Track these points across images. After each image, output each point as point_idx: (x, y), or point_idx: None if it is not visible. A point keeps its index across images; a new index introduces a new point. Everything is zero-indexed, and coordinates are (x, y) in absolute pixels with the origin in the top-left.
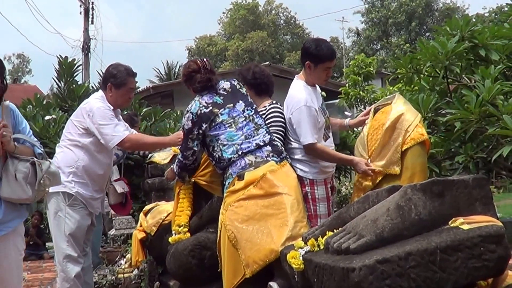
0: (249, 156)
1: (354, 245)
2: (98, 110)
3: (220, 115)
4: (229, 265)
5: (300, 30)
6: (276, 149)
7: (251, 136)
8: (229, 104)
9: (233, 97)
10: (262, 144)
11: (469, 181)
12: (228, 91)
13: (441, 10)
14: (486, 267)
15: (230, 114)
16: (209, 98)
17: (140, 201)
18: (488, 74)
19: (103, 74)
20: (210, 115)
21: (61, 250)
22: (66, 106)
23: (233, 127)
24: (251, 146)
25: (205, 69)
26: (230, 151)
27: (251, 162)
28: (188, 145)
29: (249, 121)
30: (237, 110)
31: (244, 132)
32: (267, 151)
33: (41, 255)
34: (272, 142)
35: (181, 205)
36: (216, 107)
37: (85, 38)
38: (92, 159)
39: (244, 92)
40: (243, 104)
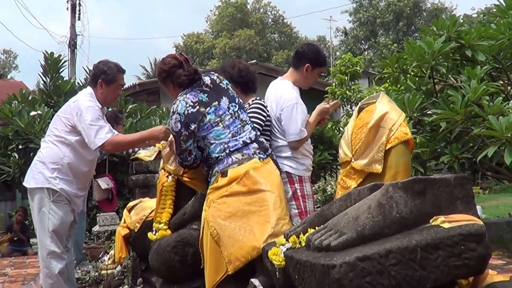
0: (236, 154)
1: (335, 242)
2: (87, 110)
3: (207, 114)
4: (212, 262)
5: (287, 29)
6: (262, 145)
7: (238, 134)
8: (214, 102)
9: (216, 94)
10: (249, 141)
11: (451, 179)
12: (210, 87)
13: (429, 10)
14: (467, 266)
15: (216, 112)
16: (194, 96)
17: (124, 198)
18: (474, 75)
19: (92, 70)
20: (198, 115)
21: (44, 246)
22: (52, 102)
23: (220, 125)
24: (238, 144)
25: (187, 63)
26: (218, 150)
27: (238, 159)
28: (182, 147)
29: (235, 118)
30: (223, 107)
31: (231, 130)
32: (253, 148)
33: (25, 251)
34: (257, 138)
35: (163, 202)
36: (202, 105)
37: (72, 34)
38: (78, 156)
39: (224, 86)
40: (227, 101)
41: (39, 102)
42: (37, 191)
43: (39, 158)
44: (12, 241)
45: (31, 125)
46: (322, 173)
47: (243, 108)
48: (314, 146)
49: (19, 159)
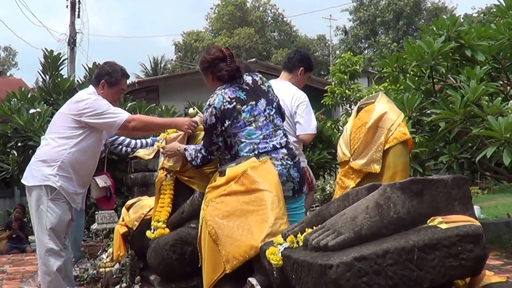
0: (264, 156)
1: (333, 242)
2: (95, 101)
3: (242, 112)
4: (209, 261)
5: (287, 28)
6: (291, 152)
7: (269, 137)
8: (251, 101)
9: (255, 94)
10: (279, 146)
11: (448, 180)
12: (250, 86)
13: (429, 10)
14: (463, 267)
15: (252, 112)
16: (232, 92)
17: (122, 196)
18: (474, 75)
19: (97, 69)
20: (233, 112)
21: (43, 243)
22: (51, 99)
23: (253, 125)
24: (268, 146)
25: (231, 59)
26: (247, 149)
27: None
28: (213, 140)
29: (269, 122)
30: (259, 108)
31: (263, 132)
32: (282, 154)
33: (24, 248)
34: (288, 145)
35: (162, 201)
36: (239, 103)
37: (71, 31)
38: (79, 154)
39: (265, 88)
40: (264, 103)
41: (38, 99)
42: (35, 189)
43: (38, 155)
44: (10, 238)
45: (30, 122)
46: (321, 172)
47: (279, 113)
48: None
49: (18, 157)
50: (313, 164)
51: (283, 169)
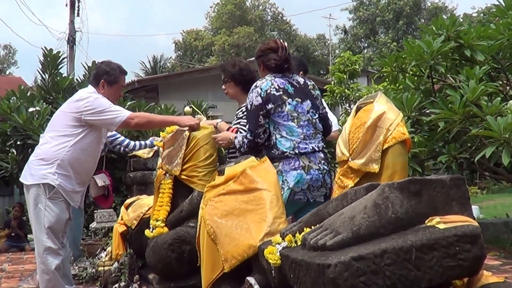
0: (304, 158)
1: (331, 242)
2: (96, 100)
3: (288, 104)
4: (208, 260)
5: (287, 27)
6: (326, 157)
7: (309, 138)
8: (298, 98)
9: (303, 94)
10: (317, 149)
11: (447, 180)
12: (301, 85)
13: (429, 9)
14: (461, 267)
15: (297, 108)
16: (281, 83)
17: (121, 195)
18: (473, 75)
19: (94, 70)
20: (279, 99)
21: (41, 242)
22: (50, 98)
23: (295, 122)
24: (308, 148)
25: (283, 50)
26: (287, 145)
27: (305, 165)
28: (260, 122)
29: (310, 124)
30: (303, 107)
31: (304, 131)
32: (319, 158)
33: (23, 246)
34: (323, 149)
35: (160, 200)
36: (286, 94)
37: (71, 30)
38: (78, 152)
39: (314, 93)
40: (309, 105)
41: (38, 98)
42: (34, 187)
43: (37, 154)
44: (9, 237)
45: (30, 121)
46: None
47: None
48: None
49: (17, 155)
50: None
51: (319, 174)
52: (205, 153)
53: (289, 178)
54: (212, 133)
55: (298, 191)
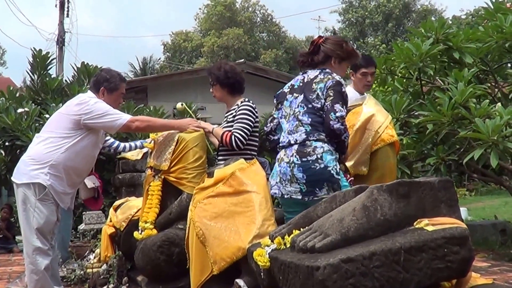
0: (282, 151)
1: (320, 244)
2: (97, 103)
3: (285, 100)
4: (197, 262)
5: (276, 28)
6: (302, 150)
7: (292, 132)
8: (296, 93)
9: (303, 88)
10: (293, 142)
11: (435, 183)
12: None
13: (418, 12)
14: (450, 268)
15: (291, 104)
16: (296, 79)
17: (110, 197)
18: (462, 77)
19: (94, 77)
20: (283, 96)
21: (30, 242)
22: (39, 99)
23: (286, 119)
24: (285, 141)
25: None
26: (281, 141)
27: (280, 157)
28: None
29: (295, 118)
30: (296, 102)
31: (288, 126)
32: (294, 150)
33: (11, 248)
34: (304, 142)
35: (149, 202)
36: (290, 90)
37: (60, 31)
38: (73, 155)
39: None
40: (301, 99)
41: (27, 99)
42: (24, 187)
43: (30, 154)
44: None
45: (18, 122)
46: None
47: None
48: None
49: (5, 156)
50: None
51: (287, 167)
52: (194, 155)
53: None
54: (201, 135)
55: (274, 185)
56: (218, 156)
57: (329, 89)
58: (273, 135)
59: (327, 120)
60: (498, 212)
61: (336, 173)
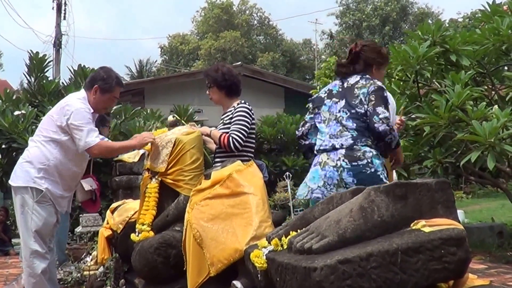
0: (324, 155)
1: (317, 245)
2: (77, 112)
3: (324, 105)
4: (194, 264)
5: (273, 31)
6: (351, 154)
7: (335, 137)
8: (336, 98)
9: (344, 94)
10: (339, 147)
11: (432, 184)
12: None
13: (415, 14)
14: (447, 270)
15: (330, 108)
16: (333, 85)
17: (107, 199)
18: (459, 80)
19: (92, 73)
20: (320, 101)
21: (28, 245)
22: (36, 101)
23: (325, 123)
24: (328, 145)
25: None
26: (317, 144)
27: (322, 161)
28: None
29: (338, 122)
30: (336, 107)
31: (330, 131)
32: (340, 155)
33: (7, 251)
34: (352, 147)
35: (146, 204)
36: (328, 95)
37: (57, 33)
38: (65, 157)
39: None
40: (342, 104)
41: (23, 101)
42: (22, 190)
43: (26, 157)
44: None
45: (15, 124)
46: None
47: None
48: (298, 149)
49: (2, 159)
50: (297, 168)
51: (334, 171)
52: (192, 157)
53: (308, 175)
54: (198, 137)
55: (315, 188)
56: (215, 158)
57: (371, 94)
58: (304, 140)
59: (372, 124)
60: (495, 215)
61: (385, 177)
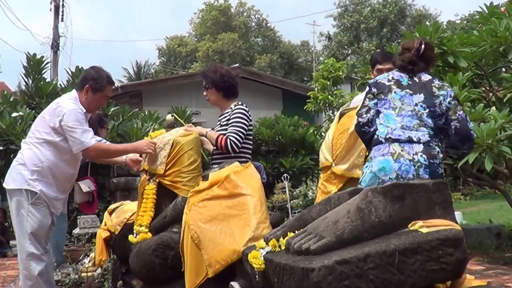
0: (396, 145)
1: (314, 246)
2: (70, 112)
3: (394, 92)
4: (192, 265)
5: (271, 33)
6: (428, 151)
7: (409, 128)
8: (409, 89)
9: (418, 88)
10: (416, 140)
11: (429, 185)
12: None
13: (413, 16)
14: (444, 270)
15: (402, 98)
16: (398, 75)
17: (105, 201)
18: (456, 81)
19: (83, 73)
20: (385, 87)
21: (24, 248)
22: (34, 103)
23: (395, 111)
24: (402, 136)
25: (414, 52)
26: (381, 131)
27: (394, 152)
28: (364, 103)
29: (415, 115)
30: (412, 99)
31: (403, 120)
32: (417, 149)
33: (5, 253)
34: (429, 144)
35: (144, 205)
36: (396, 84)
37: (55, 35)
38: (59, 159)
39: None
40: (422, 98)
41: (21, 103)
42: (16, 193)
43: (19, 159)
44: None
45: (13, 126)
46: (303, 178)
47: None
48: (296, 150)
49: None
50: (295, 169)
51: (410, 165)
52: (189, 158)
53: (374, 162)
54: (196, 138)
55: (387, 180)
56: (213, 160)
57: (452, 99)
58: (369, 126)
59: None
60: (493, 216)
61: None
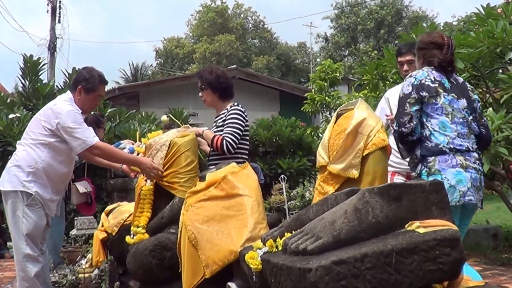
0: (460, 156)
1: (311, 246)
2: (69, 113)
3: (443, 97)
4: (189, 266)
5: (268, 35)
6: (479, 159)
7: (463, 137)
8: (453, 93)
9: (459, 91)
10: (472, 149)
11: (426, 185)
12: (458, 83)
13: (410, 18)
14: (441, 270)
15: (451, 103)
16: (439, 76)
17: (102, 202)
18: None
19: (75, 75)
20: (433, 90)
21: (20, 249)
22: (31, 105)
23: (449, 118)
24: (463, 146)
25: (448, 49)
26: (442, 140)
27: (461, 163)
28: (405, 110)
29: (465, 122)
30: (459, 104)
31: (458, 129)
32: (474, 158)
33: (2, 254)
34: (477, 150)
35: (141, 206)
36: (441, 87)
37: (52, 36)
38: (54, 160)
39: (472, 96)
40: (465, 103)
41: (18, 105)
42: (11, 194)
43: (14, 161)
44: None
45: (10, 127)
46: (300, 179)
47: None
48: (293, 151)
49: None
50: (292, 171)
51: (476, 174)
52: (186, 159)
53: (449, 175)
54: (193, 139)
55: (466, 191)
56: (210, 161)
57: (479, 103)
58: (412, 136)
59: (490, 134)
60: (490, 217)
61: None
